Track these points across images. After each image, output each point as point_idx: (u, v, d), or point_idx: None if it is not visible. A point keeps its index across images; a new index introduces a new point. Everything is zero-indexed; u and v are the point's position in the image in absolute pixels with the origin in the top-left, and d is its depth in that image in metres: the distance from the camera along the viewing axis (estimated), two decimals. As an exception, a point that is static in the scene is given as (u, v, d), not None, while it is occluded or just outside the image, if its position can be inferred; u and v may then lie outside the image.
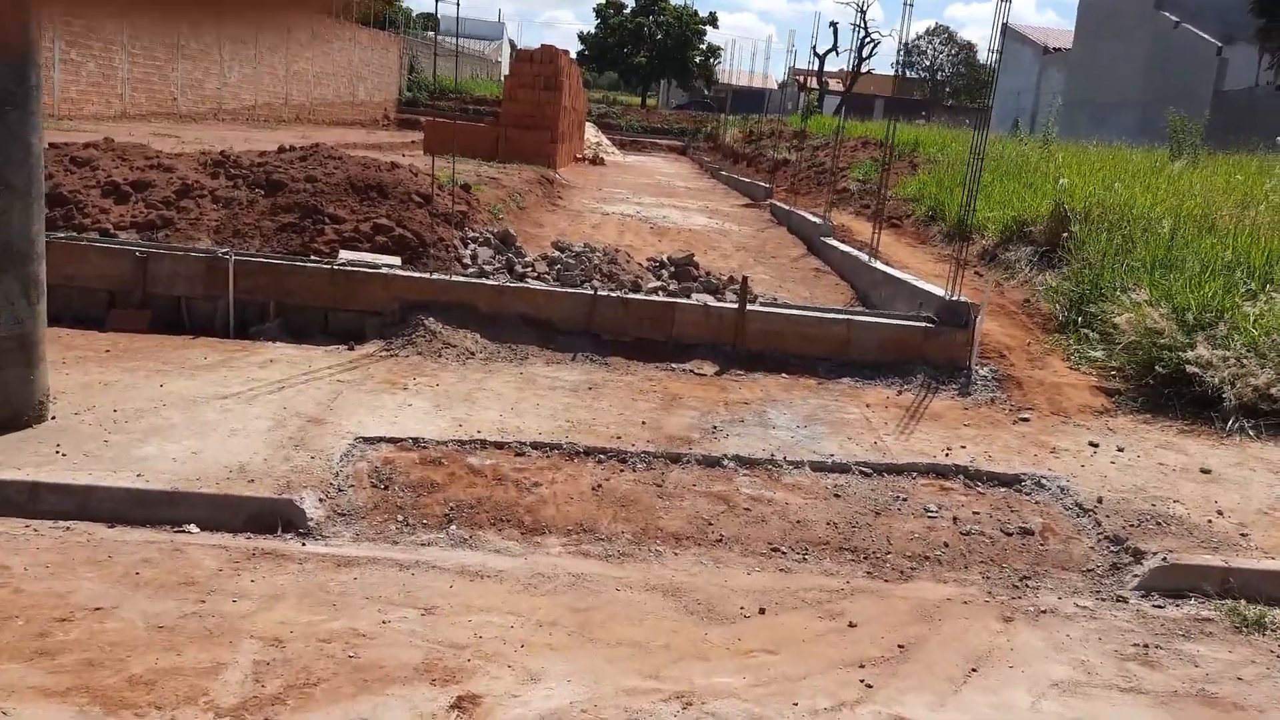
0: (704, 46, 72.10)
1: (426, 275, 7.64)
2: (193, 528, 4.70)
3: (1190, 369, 7.22)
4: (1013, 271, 11.61)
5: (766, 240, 13.48)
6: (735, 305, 7.72)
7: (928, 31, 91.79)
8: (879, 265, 9.73)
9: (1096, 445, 6.54)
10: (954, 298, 7.85)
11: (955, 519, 5.39)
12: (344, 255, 8.42)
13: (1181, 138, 21.86)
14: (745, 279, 7.86)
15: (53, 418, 5.45)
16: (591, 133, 34.40)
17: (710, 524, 5.14)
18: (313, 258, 8.07)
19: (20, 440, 5.10)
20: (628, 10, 72.06)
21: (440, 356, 7.22)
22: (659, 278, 9.18)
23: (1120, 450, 6.48)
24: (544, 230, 11.92)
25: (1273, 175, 13.98)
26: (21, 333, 5.25)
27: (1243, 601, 4.74)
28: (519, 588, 4.37)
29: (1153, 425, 7.10)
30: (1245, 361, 7.24)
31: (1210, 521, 5.43)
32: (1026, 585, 4.86)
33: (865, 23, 70.60)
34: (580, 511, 5.13)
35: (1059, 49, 51.76)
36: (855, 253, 11.03)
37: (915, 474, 5.94)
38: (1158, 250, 9.15)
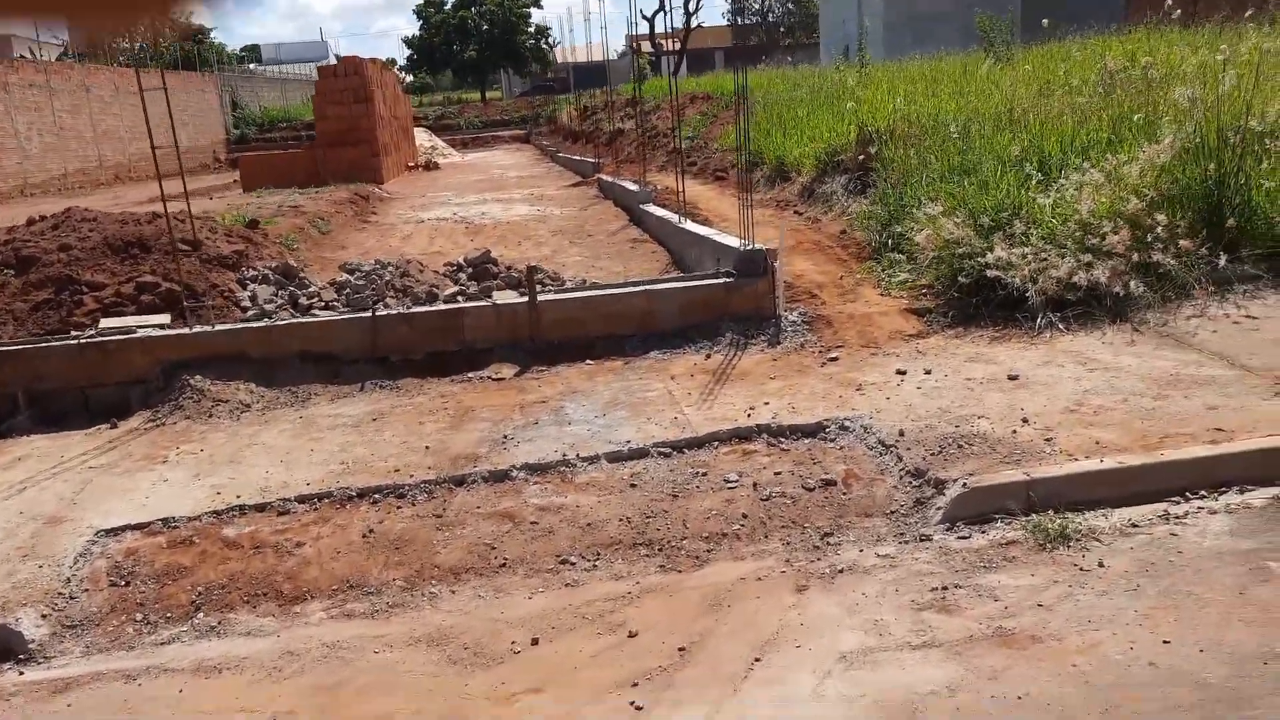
0: (532, 29, 71.06)
1: (186, 330, 7.02)
2: (-110, 681, 4.09)
3: (992, 273, 7.04)
4: (829, 204, 11.43)
5: (587, 218, 13.07)
6: (526, 300, 7.27)
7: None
8: (687, 225, 9.39)
9: (904, 373, 6.31)
10: (749, 246, 7.54)
11: (755, 484, 5.07)
12: (104, 324, 7.73)
13: (992, 37, 22.16)
14: (531, 268, 7.43)
15: None
16: (424, 138, 33.49)
17: (493, 548, 4.71)
18: (61, 335, 7.36)
19: None
20: (448, 6, 70.53)
21: (211, 416, 6.62)
22: (457, 282, 8.69)
23: (928, 373, 6.26)
24: (347, 252, 11.30)
25: (1069, 59, 14.07)
26: None
27: (1049, 514, 4.52)
28: (261, 676, 3.89)
29: (964, 338, 6.90)
30: (1045, 255, 7.09)
31: (1015, 432, 5.21)
32: (828, 543, 4.56)
33: (688, -22, 69.91)
34: (347, 566, 4.65)
35: (873, -29, 52.25)
36: (668, 216, 10.69)
37: (717, 443, 5.61)
38: (954, 157, 8.99)
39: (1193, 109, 8.07)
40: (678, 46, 72.46)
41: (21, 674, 4.07)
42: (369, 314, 7.15)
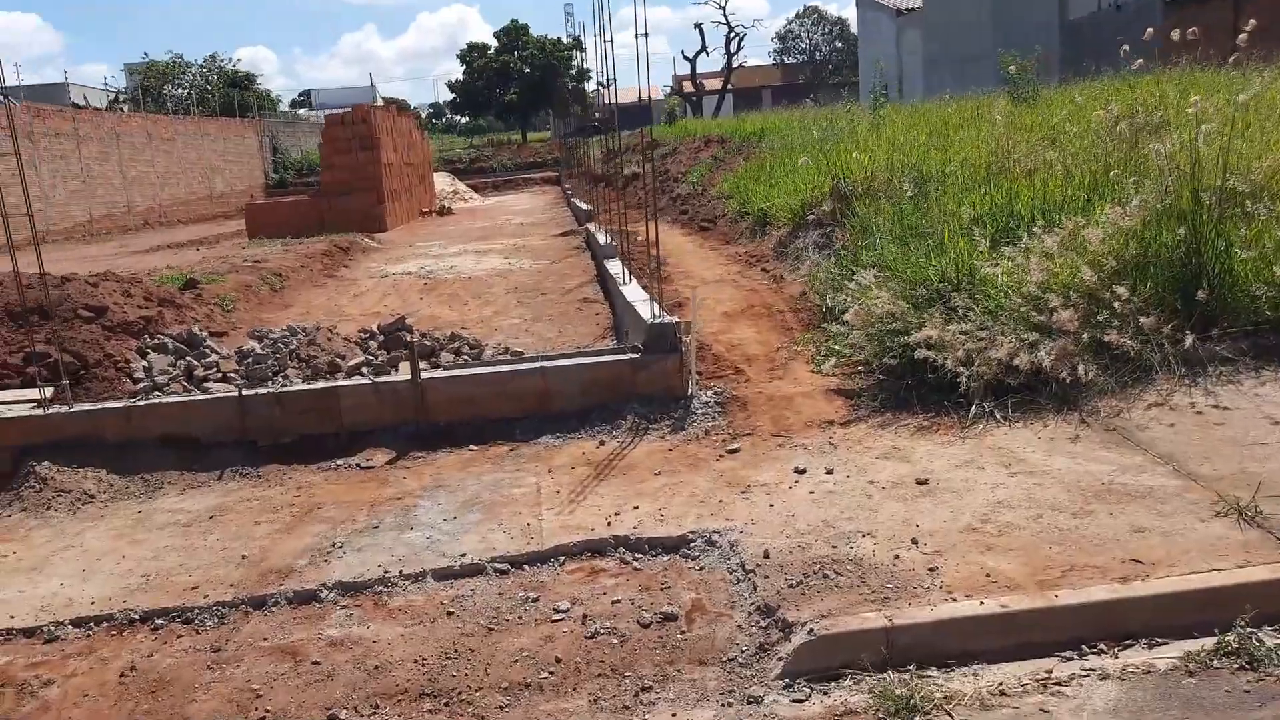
0: (573, 72, 71.22)
1: (39, 412, 6.47)
2: None
3: (921, 353, 6.25)
4: (799, 261, 10.69)
5: (552, 274, 12.46)
6: (408, 379, 6.63)
7: (798, 15, 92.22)
8: (626, 288, 8.71)
9: (803, 471, 5.54)
10: (657, 319, 6.83)
11: (585, 617, 4.33)
12: (-22, 399, 7.24)
13: (1016, 78, 21.34)
14: (412, 345, 6.78)
15: None
16: (445, 182, 33.32)
17: (259, 696, 4.02)
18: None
19: None
20: (491, 51, 71.09)
21: (48, 509, 6.05)
22: (367, 351, 8.09)
23: (829, 472, 5.48)
24: (289, 312, 10.79)
25: (1070, 104, 13.21)
26: None
27: (905, 674, 3.72)
28: None
29: (887, 428, 6.11)
30: (985, 333, 6.29)
31: (897, 557, 4.42)
32: (641, 702, 3.80)
33: (728, 19, 69.87)
34: (87, 716, 3.99)
35: (912, 10, 51.58)
36: (618, 274, 10.01)
37: (564, 558, 4.89)
38: (907, 216, 8.22)
39: (1169, 165, 7.23)
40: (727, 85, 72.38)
41: None
42: (235, 394, 6.56)
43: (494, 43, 72.24)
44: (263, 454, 6.55)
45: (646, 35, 6.78)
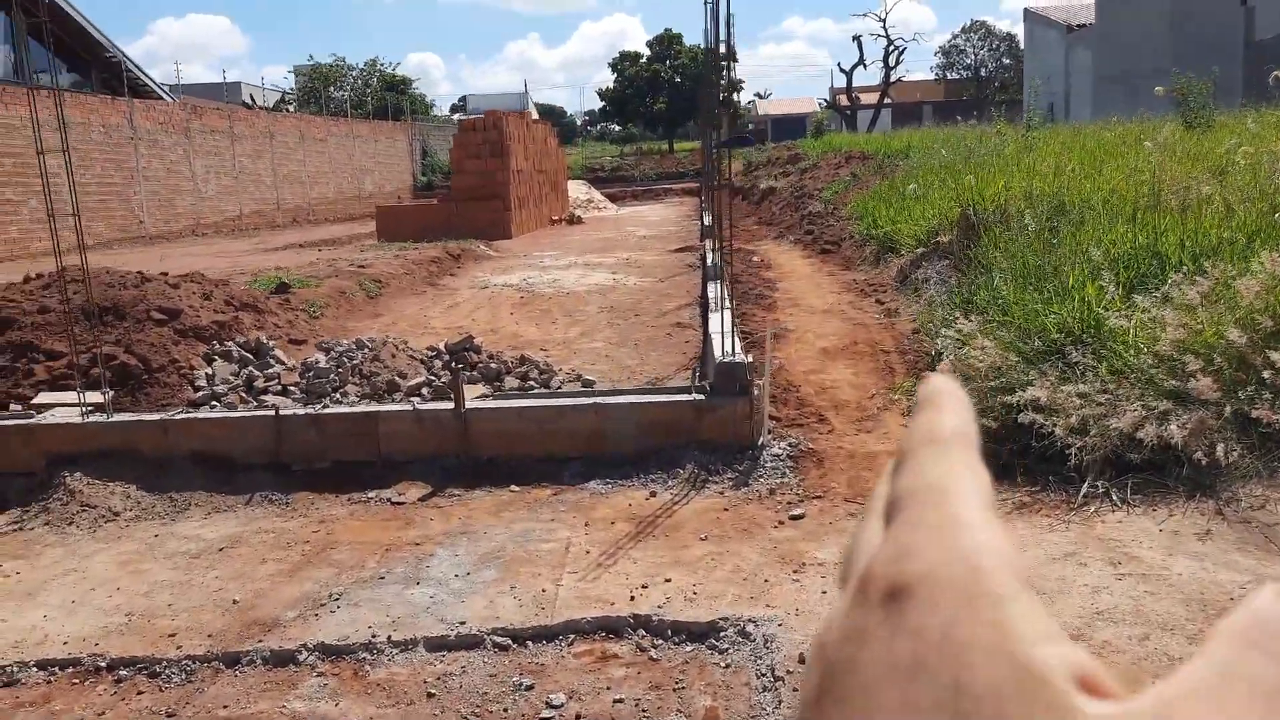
0: (724, 83, 70.61)
1: (78, 421, 6.25)
2: None
3: (1026, 416, 5.37)
4: (919, 294, 9.79)
5: (651, 294, 11.85)
6: (451, 407, 6.13)
7: (964, 30, 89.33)
8: (715, 315, 8.01)
9: (870, 550, 4.75)
10: (730, 358, 6.13)
11: (579, 717, 3.69)
12: (40, 399, 7.13)
13: (1189, 100, 19.69)
14: (457, 369, 6.27)
15: None
16: (580, 190, 33.19)
17: (198, 777, 3.53)
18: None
19: None
20: (644, 60, 71.16)
21: (71, 524, 5.78)
22: (430, 370, 7.65)
23: (900, 554, 4.67)
24: (378, 321, 10.51)
25: (1243, 131, 11.83)
26: None
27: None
28: None
29: (979, 501, 5.25)
30: (1103, 397, 5.36)
31: (959, 677, 3.62)
32: (615, 841, 3.14)
33: (888, 32, 68.13)
34: (14, 779, 3.59)
35: (1083, 25, 48.88)
36: (715, 298, 9.32)
37: (573, 637, 4.25)
38: (1030, 255, 7.27)
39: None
40: (886, 99, 70.64)
41: None
42: (272, 413, 6.19)
43: (647, 51, 72.37)
44: (296, 479, 6.15)
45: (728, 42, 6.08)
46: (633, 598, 4.47)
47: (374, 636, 4.29)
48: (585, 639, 4.26)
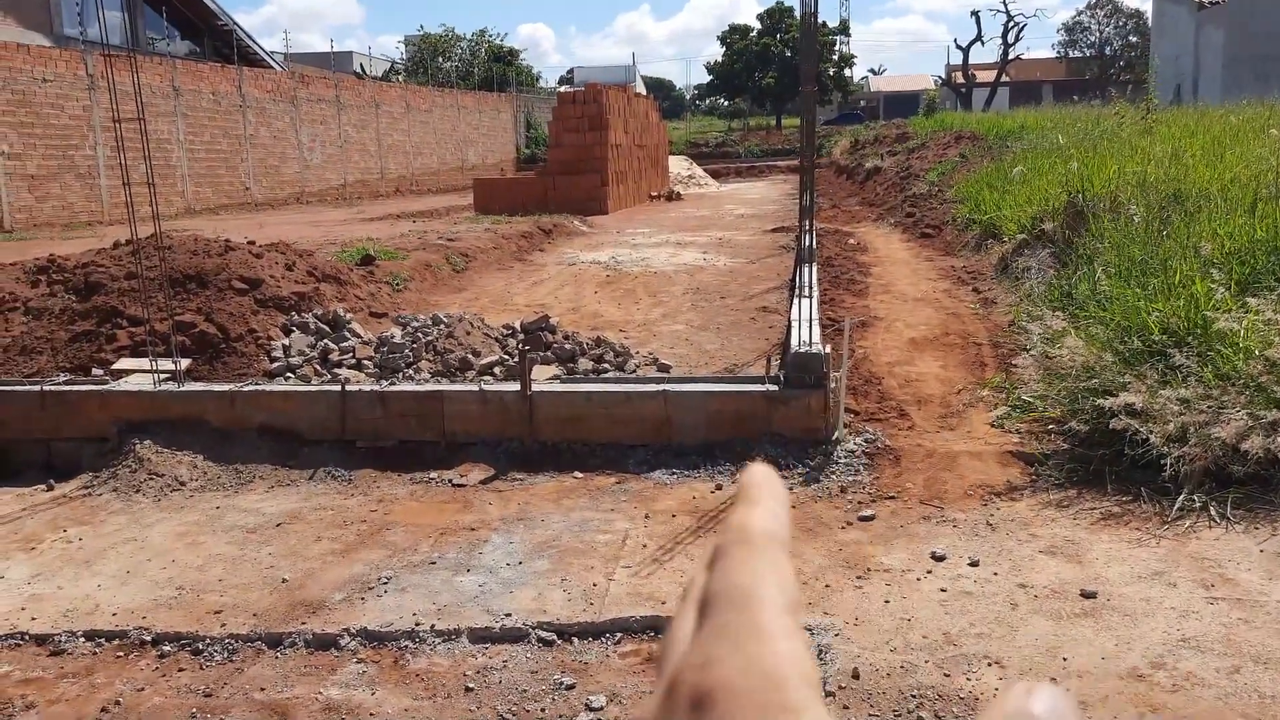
0: (836, 58, 69.20)
1: (150, 389, 6.31)
2: None
3: (1120, 422, 4.98)
4: (1019, 283, 9.32)
5: (740, 276, 11.54)
6: (518, 389, 6.00)
7: (1089, 6, 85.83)
8: (799, 301, 7.71)
9: (941, 558, 4.47)
10: (805, 348, 5.85)
11: (616, 723, 3.53)
12: (120, 365, 7.24)
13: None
14: (525, 350, 6.12)
15: None
16: (682, 166, 32.84)
17: (227, 761, 3.48)
18: (27, 381, 6.90)
19: None
20: (753, 33, 70.16)
21: (138, 492, 5.84)
22: (505, 349, 7.55)
23: (973, 565, 4.39)
24: (461, 295, 10.45)
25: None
26: None
27: None
28: None
29: (1065, 511, 4.91)
30: (1205, 403, 4.95)
31: (1026, 708, 3.33)
32: None
33: (1007, 7, 65.63)
34: (51, 752, 3.58)
35: (1215, 2, 46.27)
36: (803, 283, 8.99)
37: (619, 635, 4.09)
38: (1135, 247, 6.78)
39: None
40: (1004, 77, 68.38)
41: None
42: (338, 389, 6.15)
43: (757, 25, 71.34)
44: (360, 456, 6.11)
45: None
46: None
47: (418, 624, 4.19)
48: (632, 638, 4.08)
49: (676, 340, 8.41)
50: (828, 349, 5.85)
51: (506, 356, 7.40)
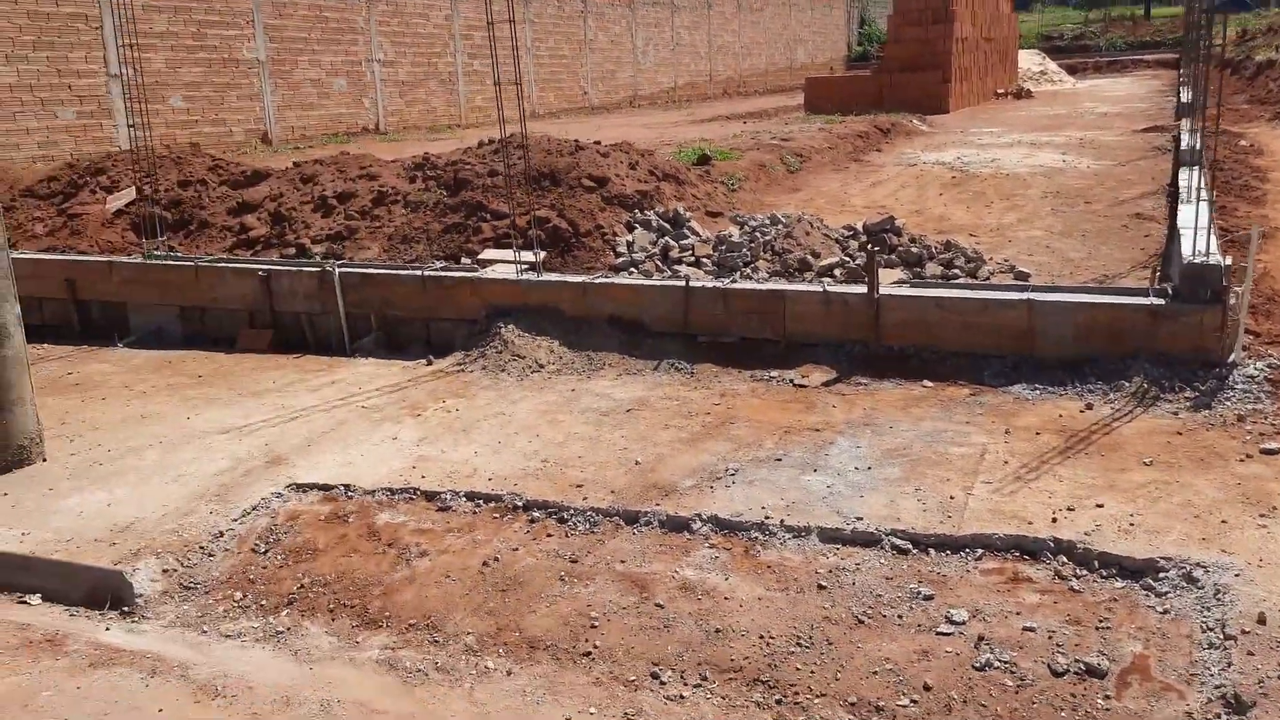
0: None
1: (511, 277, 6.68)
2: (35, 598, 4.29)
3: None
4: None
5: (1107, 179, 10.47)
6: (865, 292, 5.79)
7: None
8: (1185, 208, 6.87)
9: (1369, 504, 3.87)
10: (1201, 258, 5.20)
11: (982, 639, 3.37)
12: (485, 255, 7.75)
13: None
14: (874, 251, 5.84)
15: (43, 460, 5.35)
16: (1033, 61, 30.42)
17: (593, 626, 3.67)
18: (411, 265, 7.47)
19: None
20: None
21: (503, 371, 6.24)
22: (845, 250, 7.34)
23: None
24: (794, 196, 10.22)
25: None
26: (-17, 379, 5.18)
27: None
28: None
29: None
30: None
31: None
32: (1011, 786, 2.82)
33: None
34: (440, 598, 3.94)
35: None
36: (1187, 187, 8.02)
37: (980, 552, 3.89)
38: None
39: None
40: None
41: (106, 631, 3.98)
42: (682, 284, 6.21)
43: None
44: (701, 350, 6.18)
45: None
46: (1055, 519, 3.98)
47: (767, 518, 4.18)
48: (994, 556, 3.86)
49: (1034, 247, 7.81)
50: (1227, 260, 5.17)
51: (847, 259, 7.19)
